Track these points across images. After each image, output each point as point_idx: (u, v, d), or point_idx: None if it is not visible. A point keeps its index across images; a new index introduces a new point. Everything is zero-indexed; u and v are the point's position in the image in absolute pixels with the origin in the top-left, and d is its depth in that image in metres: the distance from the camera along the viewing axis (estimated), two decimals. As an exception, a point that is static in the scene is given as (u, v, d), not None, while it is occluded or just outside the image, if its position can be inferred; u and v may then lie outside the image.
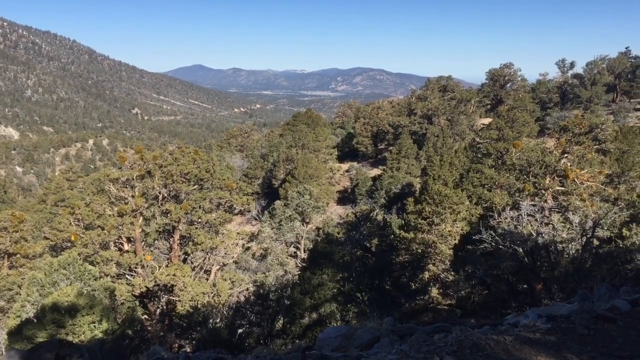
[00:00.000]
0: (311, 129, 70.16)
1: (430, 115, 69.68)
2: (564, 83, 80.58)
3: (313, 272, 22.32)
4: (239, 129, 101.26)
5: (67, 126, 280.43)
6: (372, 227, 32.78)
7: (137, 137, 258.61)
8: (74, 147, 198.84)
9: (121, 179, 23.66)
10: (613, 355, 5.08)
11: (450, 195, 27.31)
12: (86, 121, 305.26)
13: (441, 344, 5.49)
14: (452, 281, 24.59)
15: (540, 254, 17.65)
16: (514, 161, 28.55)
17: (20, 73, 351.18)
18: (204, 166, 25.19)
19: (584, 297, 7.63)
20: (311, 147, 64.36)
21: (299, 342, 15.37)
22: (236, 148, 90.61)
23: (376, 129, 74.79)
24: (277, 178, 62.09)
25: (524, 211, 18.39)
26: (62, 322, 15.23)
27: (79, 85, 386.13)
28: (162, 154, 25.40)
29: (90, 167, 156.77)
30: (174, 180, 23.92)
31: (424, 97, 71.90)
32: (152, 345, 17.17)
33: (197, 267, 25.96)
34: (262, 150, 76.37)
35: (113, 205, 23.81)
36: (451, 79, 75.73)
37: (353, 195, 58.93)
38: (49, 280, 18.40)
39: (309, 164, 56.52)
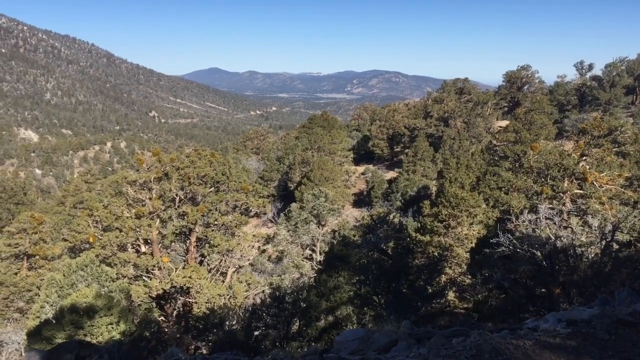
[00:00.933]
0: (327, 131, 70.18)
1: (446, 118, 69.39)
2: (582, 85, 79.74)
3: (329, 274, 22.31)
4: (255, 132, 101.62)
5: (86, 129, 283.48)
6: (389, 230, 32.68)
7: (154, 140, 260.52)
8: (92, 150, 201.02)
9: (139, 181, 23.84)
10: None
11: (467, 198, 27.14)
12: (104, 124, 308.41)
13: (460, 348, 5.45)
14: (468, 285, 24.42)
15: (558, 258, 17.45)
16: (531, 164, 28.33)
17: (39, 76, 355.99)
18: (221, 169, 25.29)
19: (605, 301, 7.53)
20: (327, 150, 64.38)
21: (315, 344, 15.36)
22: (252, 150, 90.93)
23: (392, 131, 74.61)
24: (293, 180, 62.18)
25: (542, 214, 18.20)
26: (80, 323, 15.37)
27: (97, 88, 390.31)
28: (179, 157, 25.55)
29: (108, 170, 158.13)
30: (190, 183, 24.04)
31: (440, 99, 71.65)
32: (169, 346, 17.27)
33: (213, 269, 26.05)
34: (278, 153, 76.53)
35: (131, 207, 23.99)
36: (467, 81, 75.40)
37: (369, 197, 58.84)
38: (67, 282, 18.59)
39: (325, 166, 56.53)
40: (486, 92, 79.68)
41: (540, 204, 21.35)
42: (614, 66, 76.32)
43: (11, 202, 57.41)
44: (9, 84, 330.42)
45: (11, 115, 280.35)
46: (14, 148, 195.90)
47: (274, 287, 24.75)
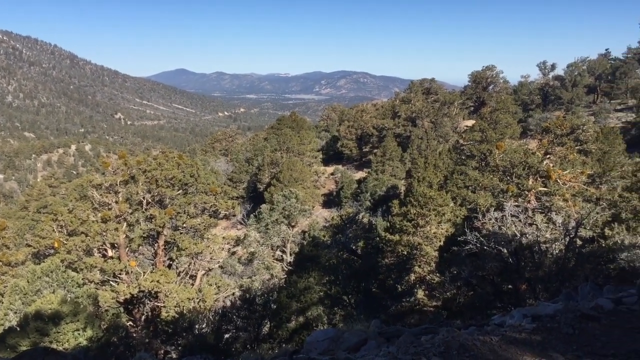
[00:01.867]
0: (296, 132, 70.15)
1: (414, 118, 70.04)
2: (546, 85, 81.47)
3: (299, 275, 22.30)
4: (223, 133, 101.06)
5: (49, 132, 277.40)
6: (358, 230, 32.82)
7: (120, 142, 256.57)
8: (56, 153, 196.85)
9: (104, 184, 23.46)
10: (597, 354, 5.13)
11: (435, 197, 27.43)
12: (68, 127, 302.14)
13: (428, 345, 5.51)
14: (437, 283, 24.68)
15: (524, 254, 17.79)
16: (497, 162, 28.81)
17: (0, 79, 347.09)
18: (189, 171, 25.07)
19: (569, 296, 7.71)
20: (296, 151, 64.35)
21: (286, 346, 15.34)
22: (220, 152, 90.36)
23: (360, 131, 74.98)
24: (262, 182, 61.97)
25: (508, 212, 18.52)
26: (45, 330, 15.05)
27: (61, 90, 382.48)
28: (145, 159, 25.22)
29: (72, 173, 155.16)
30: (158, 185, 23.77)
31: (408, 99, 72.30)
32: (137, 352, 17.04)
33: (182, 272, 25.78)
34: (246, 154, 76.19)
35: (96, 211, 23.59)
36: (434, 82, 76.25)
37: (338, 198, 58.99)
38: (31, 288, 18.17)
39: (294, 167, 56.50)
40: (452, 92, 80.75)
41: (506, 201, 21.74)
42: (575, 66, 78.10)
43: (-28, 207, 55.90)
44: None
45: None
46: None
47: (244, 289, 24.65)
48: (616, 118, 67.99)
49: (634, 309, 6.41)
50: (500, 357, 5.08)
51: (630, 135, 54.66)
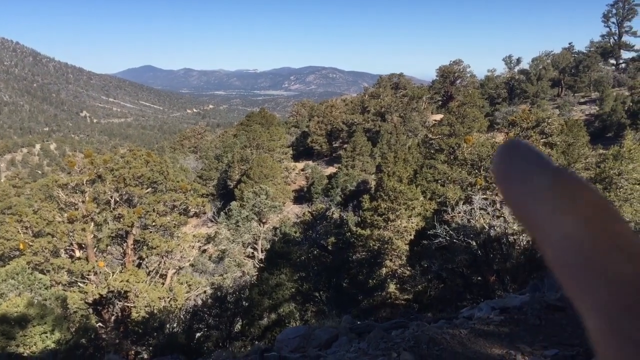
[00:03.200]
0: (265, 128, 69.85)
1: (383, 113, 70.39)
2: (511, 79, 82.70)
3: (271, 272, 22.23)
4: (192, 130, 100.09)
5: (12, 131, 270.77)
6: (329, 226, 32.91)
7: (87, 141, 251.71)
8: (20, 153, 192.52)
9: (70, 184, 23.03)
10: (564, 344, 5.23)
11: (405, 191, 27.67)
12: (32, 125, 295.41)
13: (398, 340, 5.54)
14: (408, 276, 24.92)
15: (492, 246, 18.06)
16: (465, 156, 29.17)
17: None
18: (157, 168, 24.78)
19: (535, 287, 7.84)
20: (266, 147, 64.11)
21: (258, 343, 15.28)
22: (189, 149, 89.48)
23: (330, 127, 75.03)
24: (232, 179, 61.58)
25: (476, 205, 18.76)
26: (11, 334, 14.73)
27: (24, 88, 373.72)
28: (113, 157, 24.85)
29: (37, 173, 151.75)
30: (126, 184, 23.45)
31: (377, 94, 72.59)
32: (107, 353, 16.81)
33: (152, 271, 25.50)
34: (216, 151, 75.61)
35: (63, 211, 23.17)
36: (403, 77, 76.73)
37: (309, 194, 58.99)
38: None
39: (264, 163, 56.29)
40: (421, 87, 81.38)
41: (475, 194, 22.00)
42: (540, 60, 79.44)
43: None
44: None
45: None
46: None
47: (216, 287, 24.48)
48: (580, 111, 69.45)
49: (599, 299, 6.54)
50: (469, 349, 5.14)
51: (593, 128, 55.95)
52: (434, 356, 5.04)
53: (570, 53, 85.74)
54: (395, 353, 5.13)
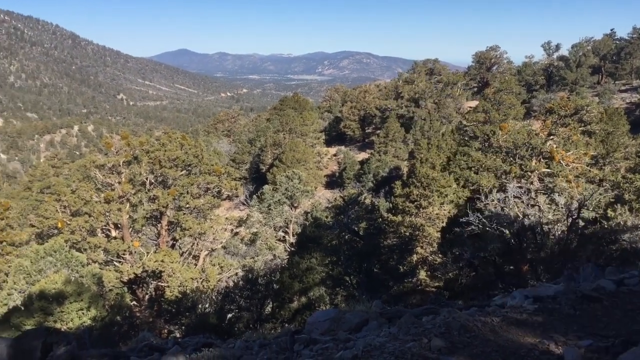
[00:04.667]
0: (298, 113, 69.92)
1: (417, 99, 69.68)
2: (550, 65, 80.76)
3: (302, 256, 22.40)
4: (225, 114, 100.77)
5: (52, 112, 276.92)
6: (360, 211, 32.86)
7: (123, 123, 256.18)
8: (59, 134, 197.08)
9: (107, 165, 23.49)
10: (598, 335, 5.14)
11: (438, 178, 27.43)
12: (71, 107, 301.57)
13: (429, 326, 5.53)
14: (439, 263, 24.76)
15: (526, 236, 17.80)
16: (500, 143, 28.68)
17: (2, 59, 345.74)
18: (192, 151, 25.06)
19: (570, 277, 7.72)
20: (298, 132, 64.20)
21: (288, 326, 15.44)
22: (223, 133, 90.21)
23: (363, 112, 74.67)
24: (265, 163, 61.96)
25: (511, 193, 18.48)
26: (49, 310, 15.18)
27: (63, 70, 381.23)
28: (148, 140, 25.23)
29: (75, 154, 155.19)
30: (161, 166, 23.79)
31: (411, 80, 71.81)
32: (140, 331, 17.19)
33: (185, 252, 25.92)
34: (249, 135, 76.09)
35: (100, 191, 23.67)
36: (438, 62, 75.66)
37: (341, 179, 59.00)
38: (35, 268, 18.30)
39: (297, 148, 56.43)
40: (456, 73, 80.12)
41: (509, 182, 21.67)
42: (580, 46, 77.40)
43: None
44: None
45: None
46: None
47: (247, 270, 24.76)
48: (620, 99, 67.59)
49: (636, 290, 6.41)
50: (501, 337, 5.10)
51: (634, 116, 54.40)
52: (465, 343, 5.02)
53: (611, 39, 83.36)
54: (426, 339, 5.12)
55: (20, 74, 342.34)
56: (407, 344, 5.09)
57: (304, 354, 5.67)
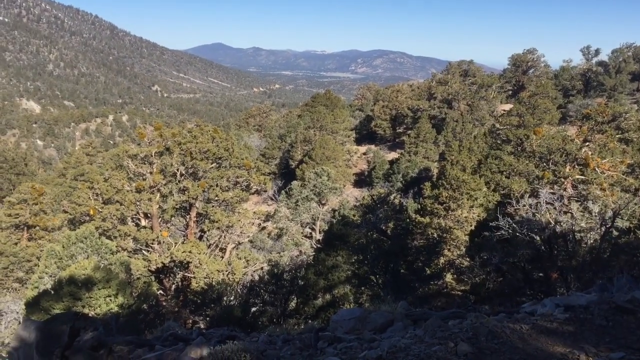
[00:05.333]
0: (330, 110, 69.85)
1: (450, 100, 69.01)
2: (588, 70, 79.05)
3: (328, 253, 22.36)
4: (257, 109, 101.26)
5: (88, 101, 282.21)
6: (389, 211, 32.71)
7: (156, 114, 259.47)
8: (94, 122, 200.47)
9: (140, 155, 23.82)
10: (631, 348, 5.00)
11: (468, 181, 27.12)
12: (106, 97, 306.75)
13: (456, 330, 5.45)
14: (466, 267, 24.49)
15: (557, 243, 17.47)
16: (534, 148, 28.23)
17: (42, 47, 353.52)
18: (223, 145, 25.24)
19: (603, 287, 7.53)
20: (329, 129, 64.17)
21: (312, 322, 15.44)
22: (254, 128, 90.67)
23: (395, 112, 74.23)
24: (294, 159, 62.11)
25: (543, 199, 18.16)
26: (78, 295, 15.45)
27: (100, 60, 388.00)
28: (181, 132, 25.49)
29: (109, 143, 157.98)
30: (192, 158, 24.02)
31: (445, 81, 71.11)
32: (166, 320, 17.40)
33: (212, 244, 26.15)
34: (280, 131, 76.30)
35: (131, 180, 24.02)
36: (473, 64, 74.80)
37: (369, 178, 58.79)
38: (66, 253, 18.64)
39: (327, 145, 56.40)
40: (491, 75, 79.10)
41: (541, 188, 21.31)
42: (620, 52, 75.63)
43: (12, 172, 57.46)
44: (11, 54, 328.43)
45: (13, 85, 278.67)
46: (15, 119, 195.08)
47: (273, 264, 24.88)
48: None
49: (672, 304, 6.22)
50: (530, 345, 4.99)
51: (674, 126, 52.86)
52: (493, 349, 4.93)
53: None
54: (452, 343, 5.04)
55: (59, 62, 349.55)
56: (433, 347, 5.02)
57: (327, 351, 5.65)
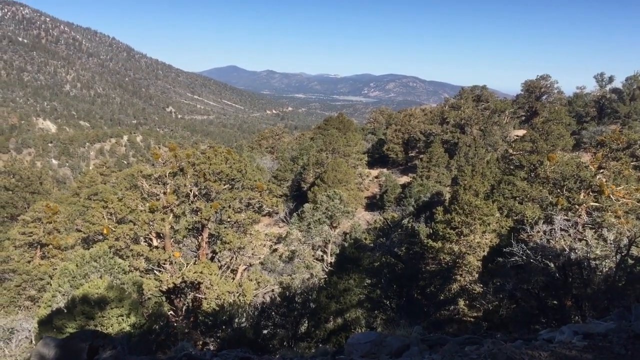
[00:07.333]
0: (342, 133, 70.08)
1: (462, 125, 69.02)
2: (602, 97, 78.84)
3: (340, 276, 22.27)
4: (270, 131, 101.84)
5: (103, 121, 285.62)
6: (401, 235, 32.60)
7: (170, 135, 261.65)
8: (109, 143, 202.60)
9: (154, 175, 24.01)
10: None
11: (481, 206, 27.01)
12: (121, 117, 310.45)
13: (474, 356, 5.41)
14: (479, 293, 24.27)
15: (572, 270, 17.29)
16: (547, 174, 28.11)
17: (60, 68, 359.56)
18: (236, 166, 25.39)
19: (622, 315, 7.45)
20: (341, 152, 64.31)
21: (324, 346, 15.33)
22: (267, 149, 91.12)
23: (407, 136, 74.34)
24: (306, 181, 62.21)
25: (557, 225, 18.04)
26: (91, 314, 15.49)
27: (116, 82, 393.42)
28: (194, 153, 25.69)
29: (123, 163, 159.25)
30: (205, 179, 24.16)
31: (457, 106, 71.24)
32: (178, 341, 17.36)
33: (224, 266, 26.15)
34: (292, 153, 76.61)
35: (145, 200, 24.17)
36: (486, 89, 74.96)
37: (381, 201, 58.68)
38: (80, 272, 18.74)
39: (339, 168, 56.47)
40: (504, 101, 79.14)
41: (555, 215, 21.19)
42: (634, 79, 75.40)
43: (27, 190, 57.88)
44: (29, 74, 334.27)
45: (30, 105, 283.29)
46: (31, 138, 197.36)
47: (284, 287, 24.78)
48: (675, 135, 65.36)
49: (692, 334, 6.14)
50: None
51: (689, 154, 52.44)
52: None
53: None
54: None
55: (76, 83, 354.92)
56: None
57: (344, 375, 5.63)
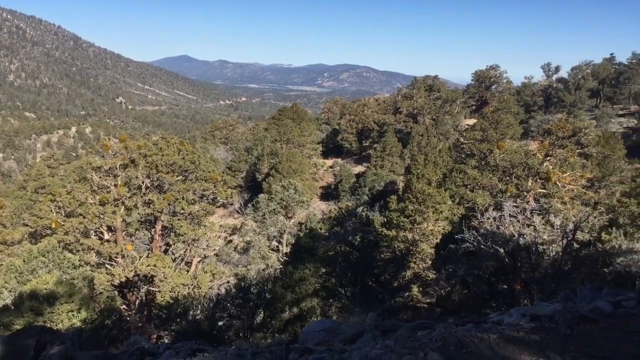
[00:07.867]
0: (296, 123, 69.98)
1: (415, 114, 69.89)
2: (549, 87, 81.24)
3: (295, 266, 22.28)
4: (224, 122, 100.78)
5: (50, 113, 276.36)
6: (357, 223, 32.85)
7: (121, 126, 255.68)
8: (56, 134, 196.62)
9: (104, 167, 23.42)
10: (595, 356, 5.12)
11: (433, 195, 27.45)
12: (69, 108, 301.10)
13: (425, 340, 5.50)
14: (432, 280, 24.72)
15: (521, 255, 17.77)
16: (497, 162, 28.79)
17: (2, 57, 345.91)
18: (189, 157, 25.02)
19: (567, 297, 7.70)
20: (296, 142, 64.27)
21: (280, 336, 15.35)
22: (220, 140, 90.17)
23: (361, 126, 74.82)
24: (261, 172, 61.94)
25: (507, 212, 18.49)
26: (40, 310, 15.06)
27: (63, 71, 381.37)
28: (146, 144, 25.19)
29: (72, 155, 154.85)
30: (158, 171, 23.73)
31: (410, 95, 72.09)
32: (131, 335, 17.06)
33: (178, 258, 25.82)
34: (246, 144, 76.04)
35: (95, 193, 23.56)
36: (437, 79, 76.08)
37: (336, 191, 58.97)
38: (27, 268, 18.17)
39: (293, 158, 56.43)
40: (455, 90, 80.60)
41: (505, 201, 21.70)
42: (579, 69, 77.86)
43: (-31, 185, 55.78)
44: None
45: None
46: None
47: (239, 278, 24.66)
48: (618, 123, 67.93)
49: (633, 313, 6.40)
50: (497, 354, 5.08)
51: (630, 141, 54.68)
52: (462, 358, 4.99)
53: (611, 64, 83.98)
54: (422, 352, 5.09)
55: (20, 73, 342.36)
56: (404, 357, 5.06)
57: (298, 363, 5.64)
